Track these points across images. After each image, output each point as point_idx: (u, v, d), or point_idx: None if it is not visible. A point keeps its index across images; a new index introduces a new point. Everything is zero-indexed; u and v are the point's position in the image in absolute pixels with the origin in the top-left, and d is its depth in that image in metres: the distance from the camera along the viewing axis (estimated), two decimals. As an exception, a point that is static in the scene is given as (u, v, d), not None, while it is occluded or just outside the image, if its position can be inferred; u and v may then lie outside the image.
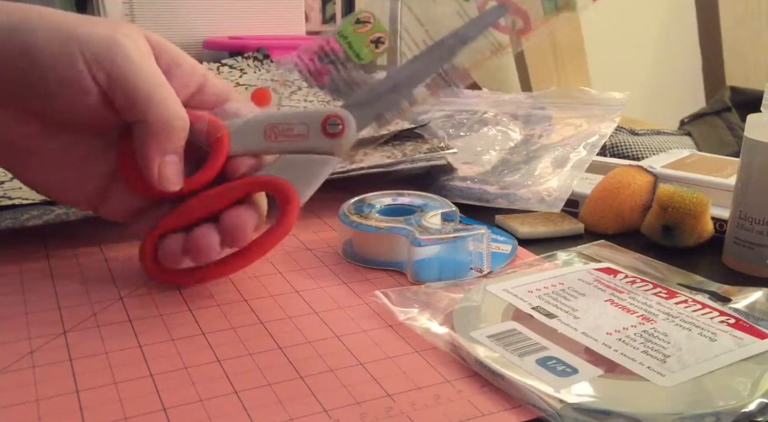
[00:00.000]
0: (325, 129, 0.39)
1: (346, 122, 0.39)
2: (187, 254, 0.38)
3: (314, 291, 0.41)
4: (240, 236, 0.38)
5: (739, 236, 0.45)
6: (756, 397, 0.30)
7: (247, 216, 0.38)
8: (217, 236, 0.38)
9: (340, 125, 0.39)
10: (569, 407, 0.29)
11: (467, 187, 0.56)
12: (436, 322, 0.36)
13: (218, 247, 0.38)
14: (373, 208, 0.47)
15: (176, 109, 0.36)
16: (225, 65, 0.78)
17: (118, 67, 0.34)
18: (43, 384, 0.31)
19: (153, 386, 0.31)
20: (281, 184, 0.39)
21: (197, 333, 0.36)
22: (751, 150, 0.44)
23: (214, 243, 0.38)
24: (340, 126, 0.39)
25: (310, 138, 0.39)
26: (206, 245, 0.38)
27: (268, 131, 0.39)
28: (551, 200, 0.53)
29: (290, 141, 0.39)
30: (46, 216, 0.44)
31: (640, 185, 0.52)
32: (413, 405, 0.30)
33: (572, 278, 0.42)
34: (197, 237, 0.38)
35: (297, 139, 0.39)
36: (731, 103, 1.22)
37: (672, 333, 0.35)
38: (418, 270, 0.42)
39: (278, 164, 0.39)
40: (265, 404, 0.30)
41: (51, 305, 0.38)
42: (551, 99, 0.70)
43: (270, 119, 0.39)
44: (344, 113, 0.39)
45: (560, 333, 0.35)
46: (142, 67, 0.35)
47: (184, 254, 0.38)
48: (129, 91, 0.35)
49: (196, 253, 0.38)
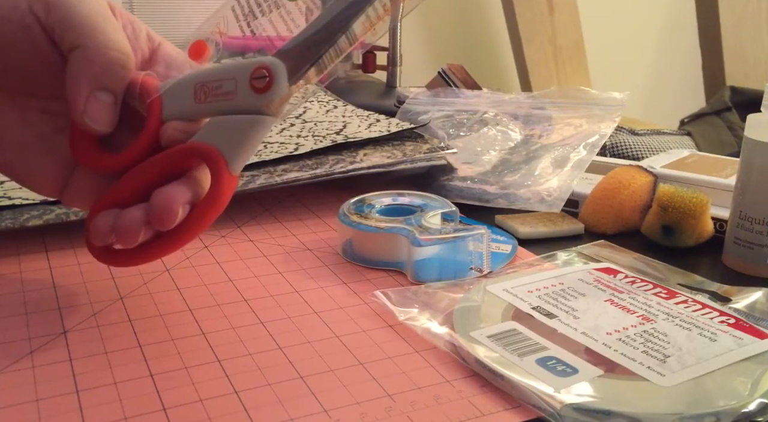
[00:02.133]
0: (252, 85, 0.34)
1: (274, 73, 0.33)
2: (114, 233, 0.35)
3: (314, 291, 0.41)
4: (165, 216, 0.33)
5: (739, 236, 0.45)
6: (756, 397, 0.30)
7: (176, 193, 0.34)
8: (140, 214, 0.34)
9: (267, 78, 0.33)
10: (569, 407, 0.29)
11: (467, 187, 0.56)
12: (436, 322, 0.36)
13: (140, 227, 0.34)
14: (373, 208, 0.47)
15: (117, 39, 0.34)
16: (225, 65, 0.78)
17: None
18: (43, 384, 0.31)
19: (153, 386, 0.31)
20: (207, 150, 0.34)
21: (197, 333, 0.36)
22: (751, 150, 0.44)
23: (136, 222, 0.34)
24: (267, 79, 0.33)
25: (238, 95, 0.34)
26: (128, 224, 0.34)
27: (197, 90, 0.34)
28: (551, 200, 0.53)
29: (219, 101, 0.34)
30: (46, 216, 0.44)
31: (640, 185, 0.52)
32: (413, 405, 0.30)
33: (572, 278, 0.42)
34: (122, 215, 0.34)
35: (225, 97, 0.34)
36: (731, 103, 1.22)
37: (672, 333, 0.35)
38: (418, 270, 0.42)
39: (208, 127, 0.35)
40: (265, 404, 0.30)
41: (51, 305, 0.38)
42: (551, 99, 0.70)
43: (197, 76, 0.35)
44: (272, 62, 0.33)
45: (560, 333, 0.35)
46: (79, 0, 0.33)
47: (112, 233, 0.35)
48: (65, 16, 0.33)
49: (118, 233, 0.34)
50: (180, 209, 0.34)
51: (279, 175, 0.50)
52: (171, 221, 0.34)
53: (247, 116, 0.34)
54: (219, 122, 0.34)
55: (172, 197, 0.33)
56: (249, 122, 0.34)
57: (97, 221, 0.35)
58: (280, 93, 0.33)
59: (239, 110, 0.34)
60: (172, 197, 0.33)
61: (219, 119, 0.34)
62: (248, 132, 0.34)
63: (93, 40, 0.33)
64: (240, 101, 0.34)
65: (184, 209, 0.34)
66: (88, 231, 0.35)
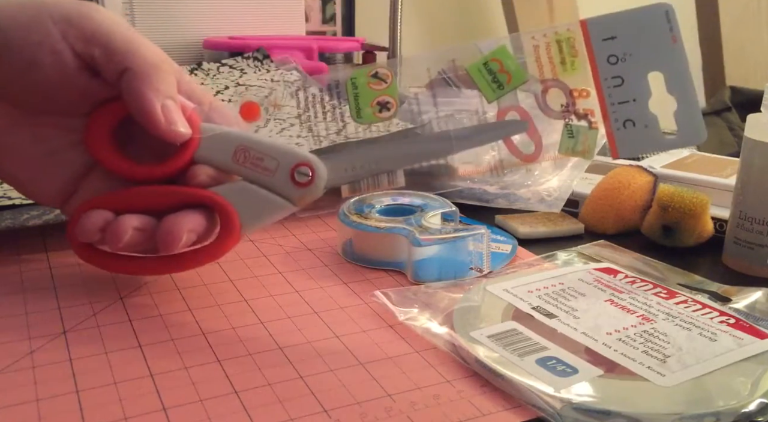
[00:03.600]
0: (293, 175, 0.37)
1: (316, 173, 0.37)
2: (102, 234, 0.36)
3: (314, 291, 0.41)
4: (171, 239, 0.35)
5: (739, 236, 0.45)
6: (756, 397, 0.30)
7: (188, 221, 0.36)
8: (137, 222, 0.35)
9: (310, 176, 0.37)
10: (569, 407, 0.29)
11: (467, 187, 0.56)
12: (436, 322, 0.36)
13: (129, 231, 0.35)
14: (373, 208, 0.47)
15: (160, 53, 0.36)
16: (225, 65, 0.78)
17: (89, 23, 0.34)
18: (43, 384, 0.31)
19: (153, 386, 0.31)
20: (226, 207, 0.37)
21: (197, 333, 0.36)
22: (751, 150, 0.44)
23: (126, 229, 0.35)
24: (308, 177, 0.37)
25: (276, 177, 0.37)
26: (121, 232, 0.35)
27: (239, 152, 0.37)
28: (551, 200, 0.53)
29: (256, 171, 0.37)
30: (46, 216, 0.44)
31: (640, 185, 0.52)
32: (413, 405, 0.30)
33: (572, 278, 0.42)
34: (119, 220, 0.35)
35: (263, 172, 0.37)
36: (731, 103, 1.22)
37: (672, 333, 0.35)
38: (418, 270, 0.42)
39: (235, 187, 0.38)
40: (265, 404, 0.30)
41: (51, 305, 0.38)
42: (551, 99, 0.70)
43: (244, 140, 0.37)
44: (318, 167, 0.37)
45: (560, 333, 0.35)
46: (114, 23, 0.35)
47: (100, 232, 0.36)
48: (106, 43, 0.34)
49: (109, 235, 0.35)
50: (185, 237, 0.36)
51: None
52: (174, 245, 0.35)
53: (277, 198, 0.38)
54: (248, 189, 0.37)
55: (183, 224, 0.35)
56: (276, 203, 0.38)
57: (88, 217, 0.36)
58: (314, 194, 0.38)
59: (271, 189, 0.37)
60: (183, 224, 0.35)
61: (250, 187, 0.37)
62: (272, 210, 0.38)
63: (141, 58, 0.35)
64: (276, 182, 0.37)
65: (188, 237, 0.36)
66: (75, 224, 0.36)
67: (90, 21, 0.35)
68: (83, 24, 0.34)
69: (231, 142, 0.37)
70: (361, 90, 0.41)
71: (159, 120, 0.35)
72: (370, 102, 0.41)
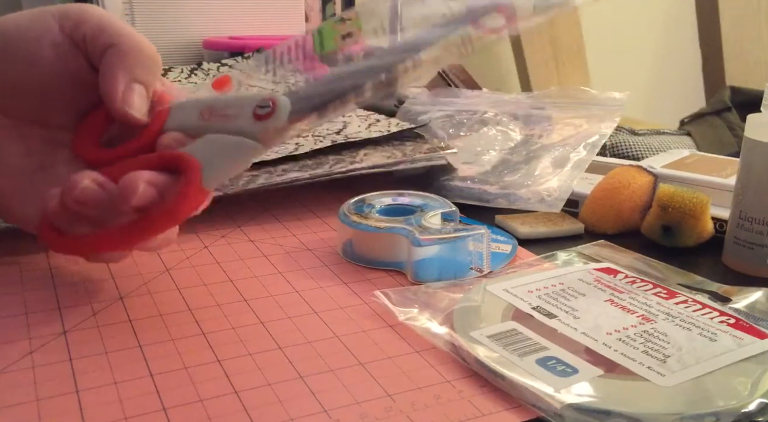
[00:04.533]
0: (256, 112, 0.36)
1: (277, 105, 0.35)
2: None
3: (314, 291, 0.41)
4: (127, 191, 0.33)
5: (739, 236, 0.45)
6: (756, 397, 0.30)
7: (144, 174, 0.34)
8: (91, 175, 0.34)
9: (270, 108, 0.35)
10: (569, 407, 0.29)
11: (467, 187, 0.56)
12: (436, 322, 0.36)
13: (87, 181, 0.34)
14: (373, 208, 0.47)
15: (146, 40, 0.37)
16: (225, 65, 0.79)
17: (85, 15, 0.36)
18: (43, 384, 0.31)
19: (153, 386, 0.31)
20: (187, 159, 0.35)
21: (197, 332, 0.36)
22: (751, 150, 0.44)
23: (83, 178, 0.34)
24: (269, 109, 0.35)
25: (240, 120, 0.36)
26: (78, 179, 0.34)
27: (204, 111, 0.37)
28: (551, 200, 0.53)
29: (220, 121, 0.36)
30: (46, 216, 0.44)
31: (640, 185, 0.52)
32: (413, 405, 0.30)
33: (572, 278, 0.42)
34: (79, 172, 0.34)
35: (226, 119, 0.36)
36: (731, 103, 1.22)
37: (672, 333, 0.35)
38: (418, 270, 0.42)
39: (199, 141, 0.36)
40: (265, 404, 0.30)
41: (51, 305, 0.38)
42: (551, 99, 0.70)
43: (209, 100, 0.37)
44: (279, 98, 0.36)
45: (560, 333, 0.35)
46: (110, 15, 0.37)
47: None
48: (98, 23, 0.36)
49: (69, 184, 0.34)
50: (142, 186, 0.33)
51: (279, 175, 0.50)
52: (131, 195, 0.33)
53: (237, 138, 0.35)
54: (210, 139, 0.36)
55: (139, 176, 0.33)
56: (236, 143, 0.35)
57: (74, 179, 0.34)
58: (276, 124, 0.35)
59: (234, 132, 0.35)
60: (138, 175, 0.33)
61: (211, 136, 0.36)
62: (233, 152, 0.35)
63: (127, 38, 0.36)
64: (238, 123, 0.35)
65: (146, 189, 0.33)
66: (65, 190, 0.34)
67: (86, 13, 0.36)
68: (81, 16, 0.36)
69: (197, 104, 0.37)
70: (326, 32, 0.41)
71: (115, 97, 0.35)
72: (333, 37, 0.40)
